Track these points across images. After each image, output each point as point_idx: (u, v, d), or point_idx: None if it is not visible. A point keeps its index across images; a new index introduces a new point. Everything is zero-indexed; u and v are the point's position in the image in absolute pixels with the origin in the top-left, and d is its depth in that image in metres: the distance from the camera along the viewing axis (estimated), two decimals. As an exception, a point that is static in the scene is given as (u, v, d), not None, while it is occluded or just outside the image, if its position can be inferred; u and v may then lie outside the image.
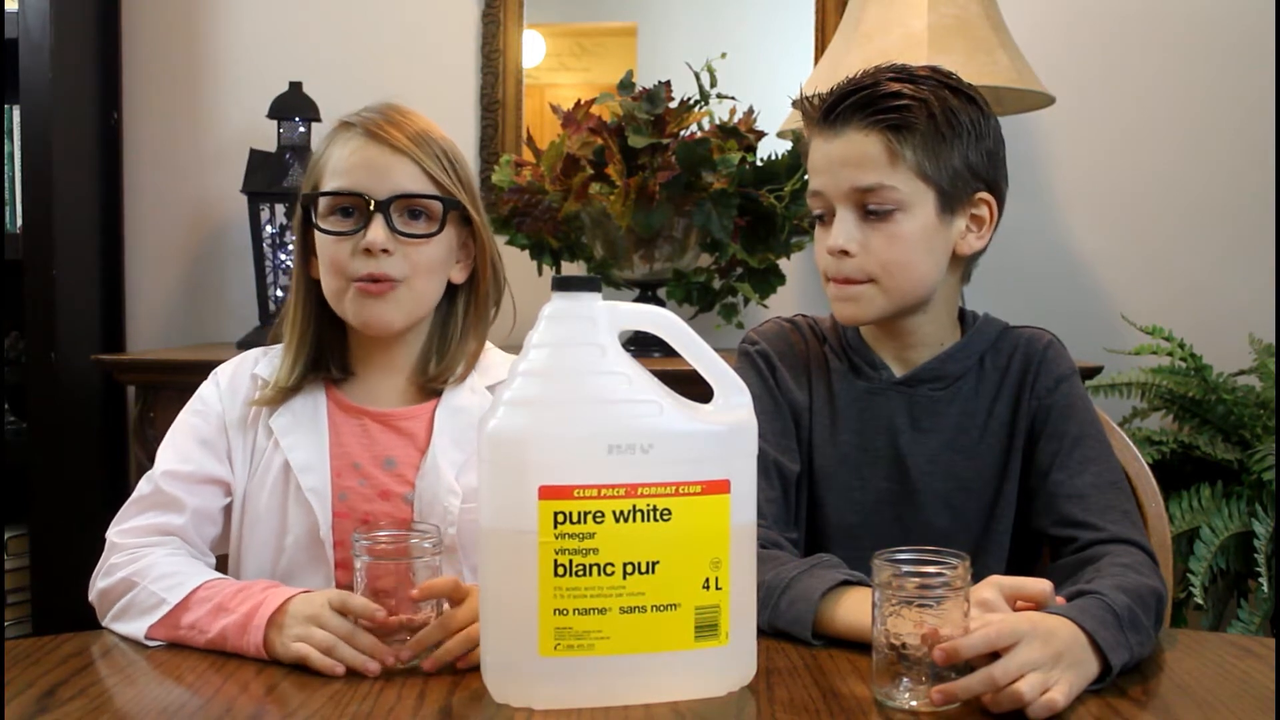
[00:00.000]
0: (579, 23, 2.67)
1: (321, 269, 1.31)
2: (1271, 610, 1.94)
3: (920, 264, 1.26)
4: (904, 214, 1.24)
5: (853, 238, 1.25)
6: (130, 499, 1.30)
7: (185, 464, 1.30)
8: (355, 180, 1.28)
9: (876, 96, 1.24)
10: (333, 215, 1.30)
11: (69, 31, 2.37)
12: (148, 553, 1.23)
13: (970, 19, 2.09)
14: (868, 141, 1.24)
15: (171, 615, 1.14)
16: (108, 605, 1.21)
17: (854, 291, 1.27)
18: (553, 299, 1.00)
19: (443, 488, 1.29)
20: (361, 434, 1.33)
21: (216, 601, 1.14)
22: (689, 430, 0.98)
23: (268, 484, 1.31)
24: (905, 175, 1.24)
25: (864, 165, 1.24)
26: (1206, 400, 2.13)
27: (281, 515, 1.30)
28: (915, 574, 0.98)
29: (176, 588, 1.16)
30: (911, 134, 1.23)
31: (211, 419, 1.33)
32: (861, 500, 1.32)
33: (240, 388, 1.35)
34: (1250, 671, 1.08)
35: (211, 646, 1.12)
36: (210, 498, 1.30)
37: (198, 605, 1.14)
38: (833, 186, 1.26)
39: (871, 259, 1.25)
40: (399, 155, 1.29)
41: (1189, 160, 2.48)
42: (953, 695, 0.95)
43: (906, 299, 1.28)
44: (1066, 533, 1.24)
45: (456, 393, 1.34)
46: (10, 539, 2.30)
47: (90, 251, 2.48)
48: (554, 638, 0.96)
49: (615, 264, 2.26)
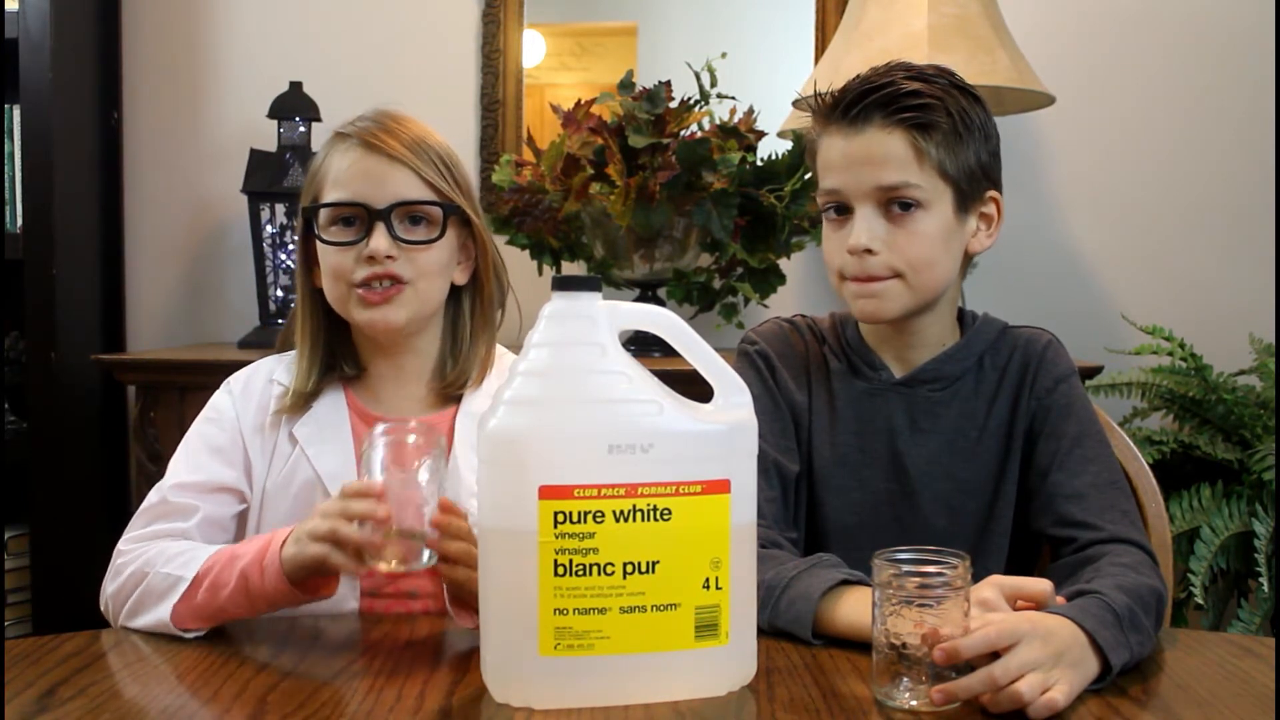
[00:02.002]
0: (579, 22, 2.67)
1: (324, 277, 1.33)
2: (1272, 610, 1.94)
3: (941, 262, 1.27)
4: (925, 212, 1.24)
5: (876, 236, 1.24)
6: (139, 509, 1.30)
7: (196, 474, 1.30)
8: (355, 191, 1.29)
9: (898, 95, 1.24)
10: (334, 226, 1.31)
11: (69, 31, 2.37)
12: (153, 545, 1.23)
13: (970, 18, 2.09)
14: (891, 139, 1.23)
15: (191, 589, 1.15)
16: (121, 604, 1.21)
17: (877, 288, 1.26)
18: (553, 299, 1.00)
19: (465, 491, 1.29)
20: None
21: (230, 553, 1.15)
22: (689, 430, 0.98)
23: (291, 492, 1.31)
24: (929, 174, 1.24)
25: (889, 163, 1.23)
26: (1207, 400, 2.13)
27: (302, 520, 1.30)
28: (915, 574, 0.98)
29: (189, 564, 1.17)
30: (935, 132, 1.23)
31: (226, 426, 1.33)
32: (860, 501, 1.32)
33: (255, 393, 1.36)
34: (1250, 671, 1.08)
35: (234, 605, 1.13)
36: (221, 505, 1.30)
37: (212, 569, 1.15)
38: (853, 184, 1.25)
39: (896, 255, 1.24)
40: (396, 164, 1.29)
41: (1189, 159, 2.48)
42: (953, 695, 0.95)
43: (928, 296, 1.28)
44: (1066, 533, 1.24)
45: (474, 398, 1.35)
46: (10, 539, 2.30)
47: (90, 251, 2.48)
48: (554, 637, 0.96)
49: (615, 264, 2.26)
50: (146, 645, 1.15)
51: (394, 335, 1.33)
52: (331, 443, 1.32)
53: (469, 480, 1.30)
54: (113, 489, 2.50)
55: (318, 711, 0.97)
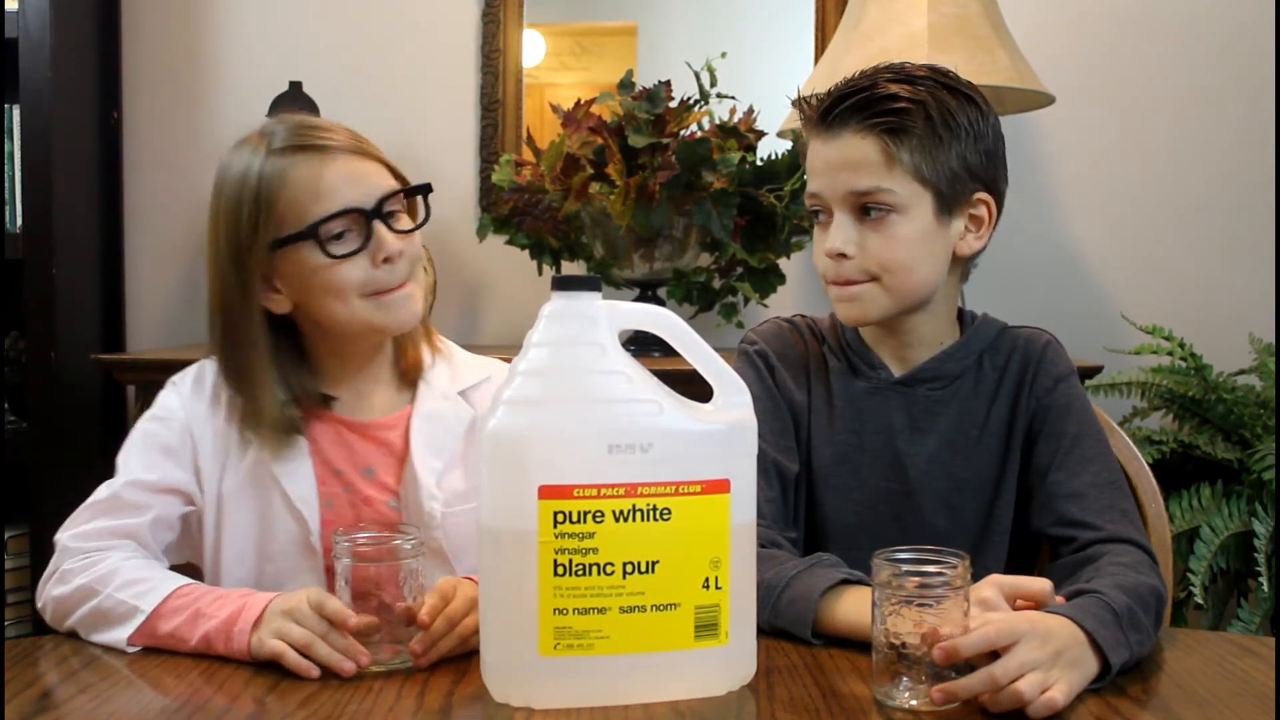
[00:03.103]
0: (579, 22, 2.67)
1: (326, 296, 1.24)
2: (1271, 610, 1.94)
3: (920, 266, 1.26)
4: (901, 216, 1.24)
5: (850, 240, 1.25)
6: (85, 504, 1.26)
7: (149, 472, 1.26)
8: (345, 197, 1.23)
9: (874, 99, 1.24)
10: (332, 241, 1.23)
11: (69, 31, 2.37)
12: (104, 557, 1.20)
13: (970, 18, 2.09)
14: (864, 145, 1.23)
15: (148, 624, 1.12)
16: (65, 613, 1.18)
17: (855, 292, 1.27)
18: (553, 298, 1.00)
19: (424, 494, 1.28)
20: (339, 441, 1.31)
21: (194, 609, 1.12)
22: (689, 429, 0.98)
23: (248, 492, 1.28)
24: (902, 178, 1.23)
25: (860, 168, 1.23)
26: (1206, 400, 2.13)
27: (263, 523, 1.28)
28: (915, 573, 0.98)
29: (148, 594, 1.14)
30: (908, 137, 1.23)
31: (175, 426, 1.29)
32: (860, 500, 1.32)
33: (205, 393, 1.31)
34: (1250, 671, 1.08)
35: (194, 653, 1.11)
36: (171, 505, 1.27)
37: (172, 615, 1.12)
38: (829, 189, 1.26)
39: (870, 260, 1.25)
40: (361, 158, 1.25)
41: (1189, 159, 2.48)
42: (953, 694, 0.95)
43: (908, 299, 1.28)
44: (1065, 532, 1.24)
45: (428, 398, 1.33)
46: (10, 539, 2.30)
47: (90, 251, 2.48)
48: (554, 637, 0.96)
49: (615, 263, 2.26)
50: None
51: (415, 324, 1.30)
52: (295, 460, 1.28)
53: (429, 483, 1.29)
54: (113, 489, 2.50)
55: (317, 711, 0.97)
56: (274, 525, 1.28)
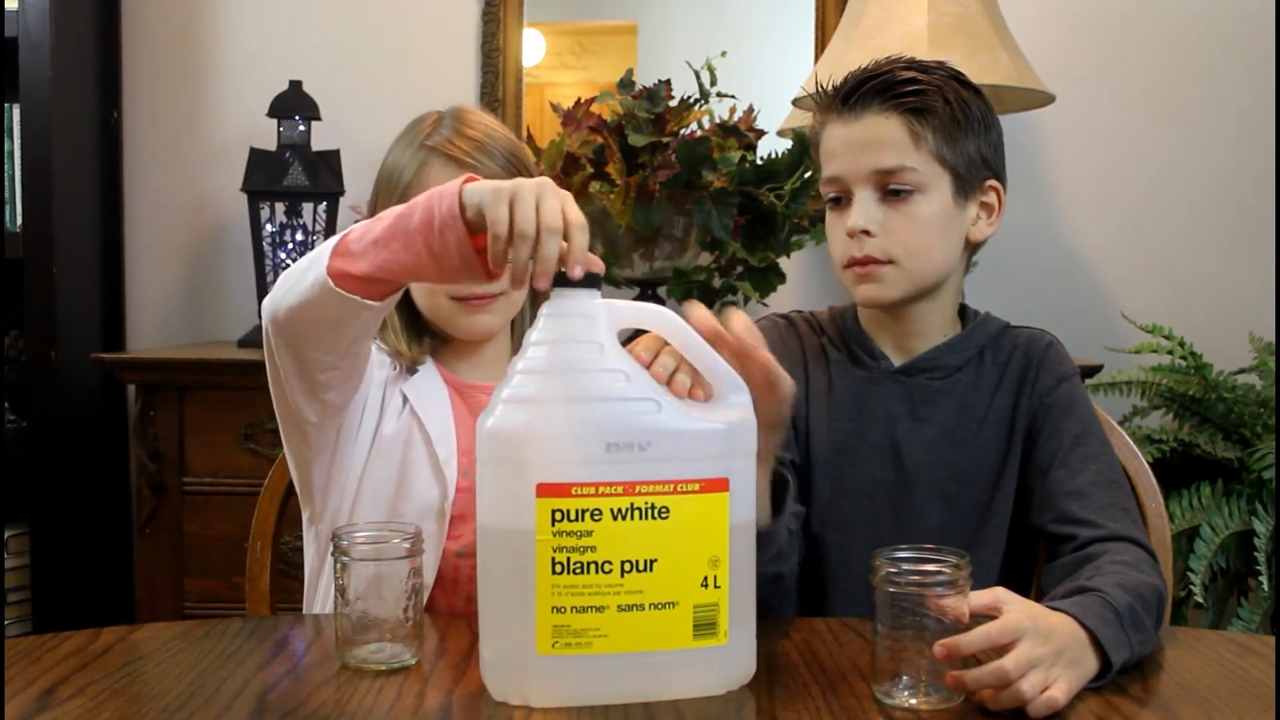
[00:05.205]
0: (579, 21, 2.67)
1: (416, 287, 1.36)
2: (1271, 608, 1.94)
3: (938, 247, 1.28)
4: (923, 196, 1.26)
5: (873, 218, 1.26)
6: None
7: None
8: None
9: (895, 81, 1.27)
10: None
11: (69, 31, 2.37)
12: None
13: (970, 17, 2.09)
14: (889, 124, 1.26)
15: (345, 238, 1.09)
16: (279, 297, 1.15)
17: (875, 272, 1.28)
18: (552, 297, 1.00)
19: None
20: (475, 414, 1.33)
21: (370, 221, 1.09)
22: (687, 428, 0.98)
23: (396, 446, 1.33)
24: (925, 158, 1.26)
25: (885, 147, 1.26)
26: (1206, 398, 2.13)
27: (403, 477, 1.32)
28: (915, 572, 0.98)
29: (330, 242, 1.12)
30: (932, 117, 1.26)
31: (373, 369, 1.35)
32: (856, 488, 1.32)
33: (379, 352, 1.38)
34: (1250, 669, 1.08)
35: (392, 237, 1.05)
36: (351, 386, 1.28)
37: (361, 233, 1.08)
38: (852, 169, 1.28)
39: (892, 240, 1.26)
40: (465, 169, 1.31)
41: (1189, 158, 2.48)
42: (963, 685, 0.95)
43: (925, 281, 1.29)
44: (1066, 530, 1.24)
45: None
46: (10, 538, 2.30)
47: (90, 251, 2.48)
48: (552, 636, 0.96)
49: (615, 262, 2.26)
50: (147, 645, 1.15)
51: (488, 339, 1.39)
52: (435, 406, 1.36)
53: None
54: (113, 488, 2.50)
55: (317, 711, 0.97)
56: (412, 483, 1.32)
